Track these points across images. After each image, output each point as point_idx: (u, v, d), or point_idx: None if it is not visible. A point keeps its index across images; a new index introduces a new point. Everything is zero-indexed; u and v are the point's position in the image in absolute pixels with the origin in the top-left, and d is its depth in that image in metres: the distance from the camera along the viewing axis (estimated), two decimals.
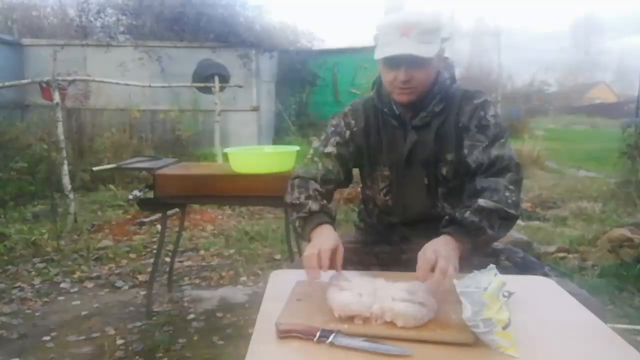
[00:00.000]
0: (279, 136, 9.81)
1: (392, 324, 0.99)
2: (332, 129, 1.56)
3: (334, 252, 1.20)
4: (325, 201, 1.41)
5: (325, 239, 1.24)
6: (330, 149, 1.51)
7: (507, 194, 1.31)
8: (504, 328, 0.92)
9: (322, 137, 1.57)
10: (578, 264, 3.31)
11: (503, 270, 1.34)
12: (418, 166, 1.47)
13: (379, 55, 1.37)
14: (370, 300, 1.01)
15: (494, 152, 1.37)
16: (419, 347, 0.93)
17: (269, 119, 10.03)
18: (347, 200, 4.79)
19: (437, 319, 1.00)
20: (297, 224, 1.37)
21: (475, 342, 0.94)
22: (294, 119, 10.06)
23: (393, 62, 1.36)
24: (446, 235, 1.23)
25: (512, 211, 1.30)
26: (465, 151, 1.41)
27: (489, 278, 1.00)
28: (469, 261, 1.30)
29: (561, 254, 3.48)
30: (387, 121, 1.50)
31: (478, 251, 1.31)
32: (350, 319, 1.00)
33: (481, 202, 1.28)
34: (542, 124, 16.71)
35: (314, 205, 1.36)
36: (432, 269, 1.11)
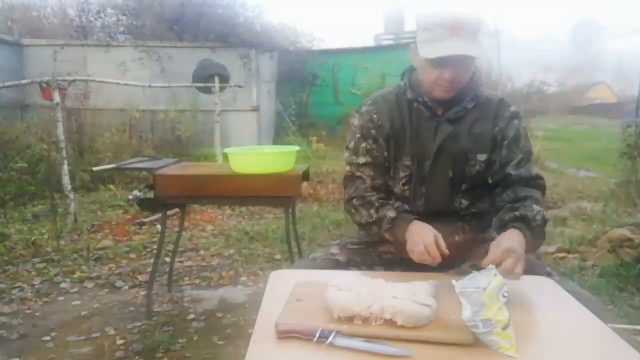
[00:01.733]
0: (279, 136, 9.81)
1: (391, 324, 0.99)
2: (358, 135, 1.54)
3: (437, 241, 1.31)
4: (392, 202, 1.49)
5: (424, 232, 1.33)
6: (362, 159, 1.53)
7: (543, 208, 1.40)
8: (504, 328, 0.92)
9: (351, 145, 1.56)
10: (578, 264, 3.31)
11: (506, 270, 1.34)
12: (445, 159, 1.48)
13: (430, 54, 1.35)
14: (369, 300, 1.01)
15: (534, 170, 1.49)
16: (418, 347, 0.93)
17: (269, 119, 10.03)
18: None
19: (437, 319, 1.00)
20: (386, 236, 1.45)
21: (475, 342, 0.94)
22: (294, 119, 10.07)
23: (441, 61, 1.36)
24: (516, 229, 1.30)
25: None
26: (502, 160, 1.47)
27: (489, 278, 1.00)
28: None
29: (561, 254, 3.48)
30: (416, 112, 1.51)
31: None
32: (350, 319, 1.00)
33: (538, 207, 1.37)
34: (542, 124, 16.68)
35: (390, 213, 1.43)
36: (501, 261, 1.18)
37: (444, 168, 1.48)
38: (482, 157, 1.47)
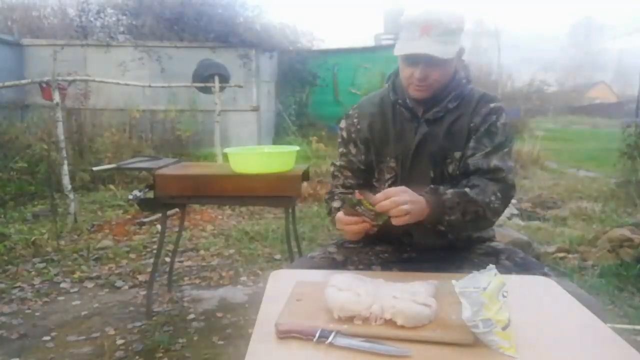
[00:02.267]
0: (279, 136, 9.82)
1: (391, 323, 0.99)
2: (340, 139, 1.64)
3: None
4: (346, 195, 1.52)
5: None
6: (339, 162, 1.63)
7: (493, 198, 1.38)
8: (504, 328, 0.92)
9: (337, 146, 1.66)
10: (578, 264, 3.31)
11: (503, 270, 1.35)
12: (425, 159, 1.48)
13: (398, 51, 1.39)
14: (369, 300, 1.01)
15: (495, 161, 1.41)
16: (418, 347, 0.93)
17: (269, 119, 10.04)
18: None
19: (437, 319, 1.00)
20: (334, 222, 1.47)
21: (475, 342, 0.93)
22: (294, 119, 10.07)
23: (411, 60, 1.39)
24: (423, 196, 1.31)
25: (489, 214, 1.38)
26: (468, 152, 1.45)
27: (489, 278, 1.00)
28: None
29: (561, 254, 3.48)
30: (399, 113, 1.52)
31: (433, 228, 1.38)
32: (350, 319, 1.00)
33: (467, 190, 1.35)
34: (542, 124, 16.70)
35: (335, 204, 1.55)
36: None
37: (425, 169, 1.49)
38: (458, 155, 1.47)
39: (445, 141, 1.47)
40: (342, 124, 1.63)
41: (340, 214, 1.35)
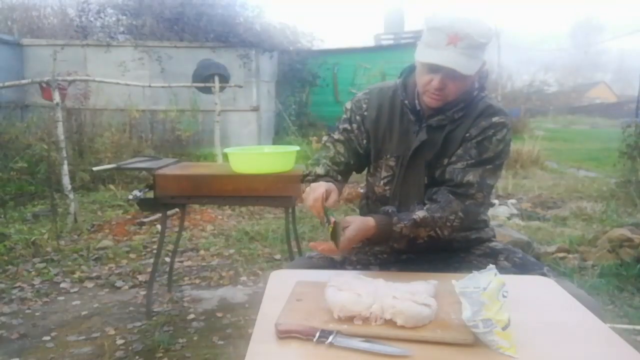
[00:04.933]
0: (279, 136, 9.82)
1: (391, 324, 0.99)
2: (344, 115, 1.60)
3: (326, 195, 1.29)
4: (332, 169, 1.52)
5: (317, 188, 1.30)
6: (337, 135, 1.57)
7: (452, 217, 1.37)
8: (504, 328, 0.92)
9: (337, 123, 1.63)
10: (578, 264, 3.31)
11: (501, 270, 1.34)
12: (421, 165, 1.47)
13: (420, 57, 1.35)
14: (369, 300, 1.01)
15: (470, 176, 1.39)
16: (418, 347, 0.93)
17: (269, 119, 10.04)
18: (347, 200, 4.79)
19: (437, 319, 1.00)
20: (304, 188, 1.40)
21: (475, 342, 0.94)
22: (294, 119, 10.07)
23: (432, 67, 1.34)
24: (374, 219, 1.35)
25: (445, 232, 1.39)
26: (453, 159, 1.43)
27: (489, 278, 1.00)
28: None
29: (561, 254, 3.47)
30: (406, 113, 1.50)
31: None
32: (350, 319, 1.00)
33: (420, 214, 1.35)
34: (542, 124, 16.73)
35: (319, 170, 1.51)
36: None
37: (419, 174, 1.48)
38: (446, 161, 1.45)
39: (441, 149, 1.45)
40: (349, 105, 1.59)
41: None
